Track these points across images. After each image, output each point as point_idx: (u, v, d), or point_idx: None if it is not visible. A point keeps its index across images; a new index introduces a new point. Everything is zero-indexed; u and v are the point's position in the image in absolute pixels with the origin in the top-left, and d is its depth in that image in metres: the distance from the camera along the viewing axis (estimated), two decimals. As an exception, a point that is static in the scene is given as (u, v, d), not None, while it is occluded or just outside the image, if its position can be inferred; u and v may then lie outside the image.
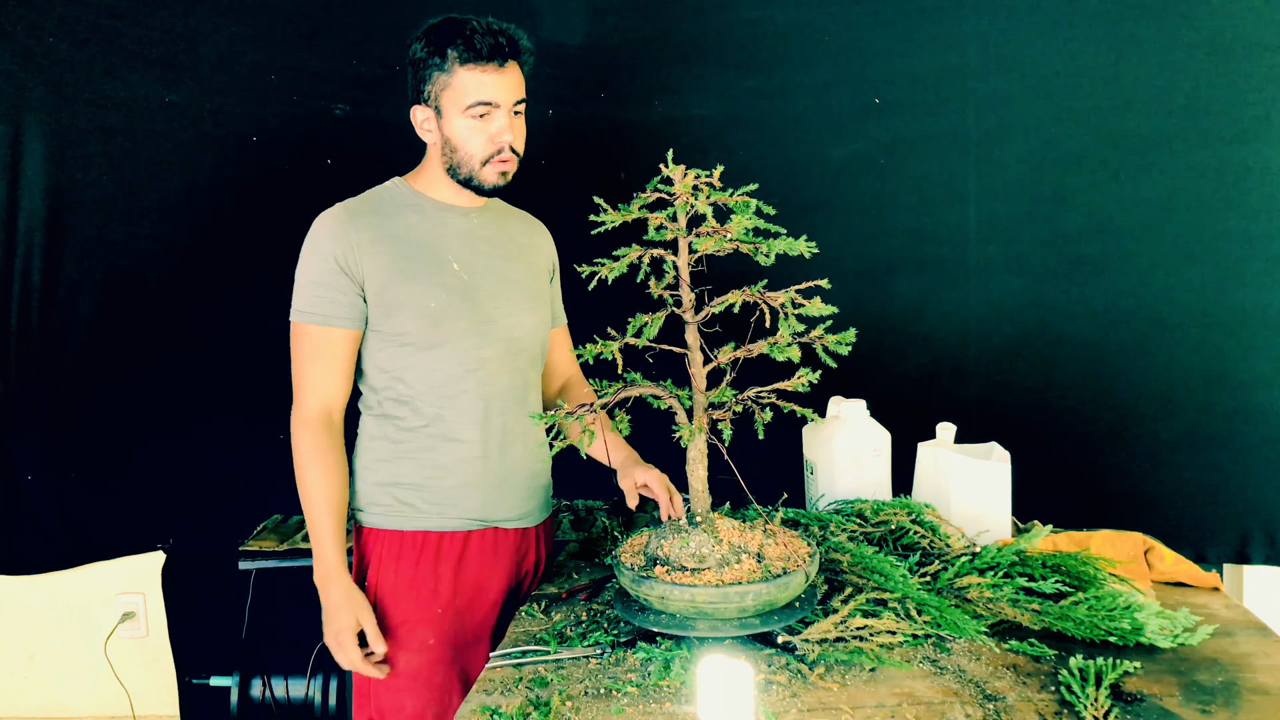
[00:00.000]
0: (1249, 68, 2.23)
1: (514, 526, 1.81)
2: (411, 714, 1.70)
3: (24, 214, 2.32)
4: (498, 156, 1.70)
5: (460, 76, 1.65)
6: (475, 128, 1.68)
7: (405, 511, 1.74)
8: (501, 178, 1.73)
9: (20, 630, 2.72)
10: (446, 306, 1.70)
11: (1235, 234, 2.27)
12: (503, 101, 1.67)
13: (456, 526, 1.75)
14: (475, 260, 1.76)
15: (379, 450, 1.75)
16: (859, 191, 2.38)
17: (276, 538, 2.33)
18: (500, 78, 1.66)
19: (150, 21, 2.33)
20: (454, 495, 1.74)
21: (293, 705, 2.39)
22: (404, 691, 1.70)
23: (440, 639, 1.72)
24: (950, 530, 1.75)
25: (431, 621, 1.72)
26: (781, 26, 2.38)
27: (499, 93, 1.67)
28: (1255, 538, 2.34)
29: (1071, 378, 2.37)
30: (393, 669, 1.70)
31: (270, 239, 2.42)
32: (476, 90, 1.65)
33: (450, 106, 1.67)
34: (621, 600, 1.50)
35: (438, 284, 1.70)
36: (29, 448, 2.41)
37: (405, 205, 1.75)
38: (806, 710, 1.25)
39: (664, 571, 1.43)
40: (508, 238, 1.84)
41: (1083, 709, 1.21)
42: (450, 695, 1.72)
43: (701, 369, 1.47)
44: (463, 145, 1.69)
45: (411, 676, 1.70)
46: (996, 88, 2.33)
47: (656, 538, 1.51)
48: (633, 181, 1.52)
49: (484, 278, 1.76)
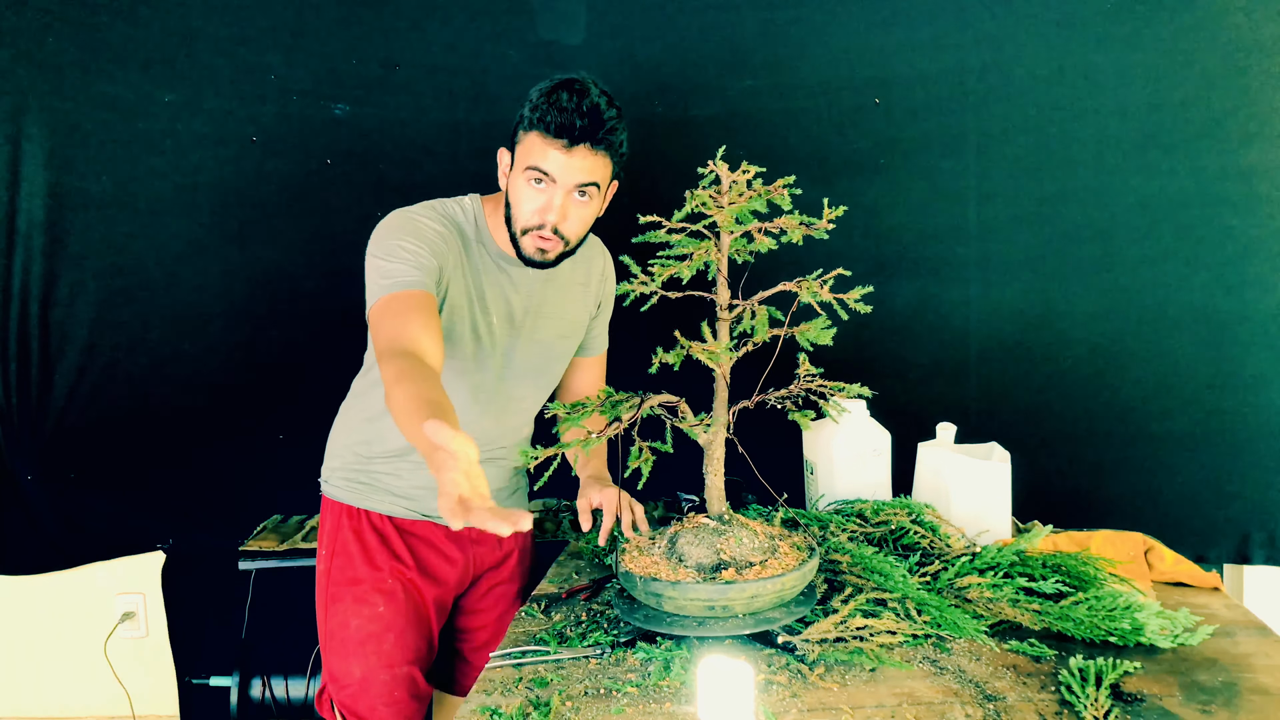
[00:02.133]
0: (1250, 68, 2.23)
1: None
2: (360, 678, 1.75)
3: (24, 214, 2.32)
4: (537, 230, 1.64)
5: (530, 137, 1.60)
6: (529, 193, 1.63)
7: (365, 492, 1.81)
8: (540, 253, 1.67)
9: (20, 630, 2.72)
10: (470, 359, 1.73)
11: (1235, 234, 2.27)
12: (560, 180, 1.60)
13: (408, 516, 1.82)
14: (515, 318, 1.78)
15: (362, 433, 1.82)
16: (859, 191, 2.39)
17: (276, 538, 2.33)
18: (566, 157, 1.59)
19: (150, 21, 2.33)
20: (409, 493, 1.81)
21: (293, 705, 2.39)
22: (353, 656, 1.75)
23: (390, 607, 1.77)
24: (950, 530, 1.75)
25: (381, 589, 1.78)
26: (781, 27, 2.38)
27: (558, 169, 1.60)
28: (1255, 538, 2.34)
29: (1071, 378, 2.37)
30: (344, 635, 1.76)
31: (270, 239, 2.44)
32: (537, 157, 1.60)
33: (519, 160, 1.64)
34: (626, 601, 1.50)
35: (469, 337, 1.72)
36: (29, 448, 2.41)
37: (476, 239, 1.73)
38: (806, 710, 1.25)
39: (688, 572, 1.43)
40: (557, 290, 1.82)
41: (1083, 709, 1.21)
42: (400, 664, 1.76)
43: (728, 365, 1.47)
44: (515, 204, 1.66)
45: (360, 642, 1.75)
46: (996, 88, 2.33)
47: (672, 537, 1.50)
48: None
49: (517, 339, 1.78)
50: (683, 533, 1.50)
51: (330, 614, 1.78)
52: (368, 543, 1.79)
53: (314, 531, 2.37)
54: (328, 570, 1.80)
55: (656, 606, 1.43)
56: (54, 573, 2.54)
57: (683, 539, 1.49)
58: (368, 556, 1.79)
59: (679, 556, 1.46)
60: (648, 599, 1.43)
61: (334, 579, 1.79)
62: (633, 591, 1.46)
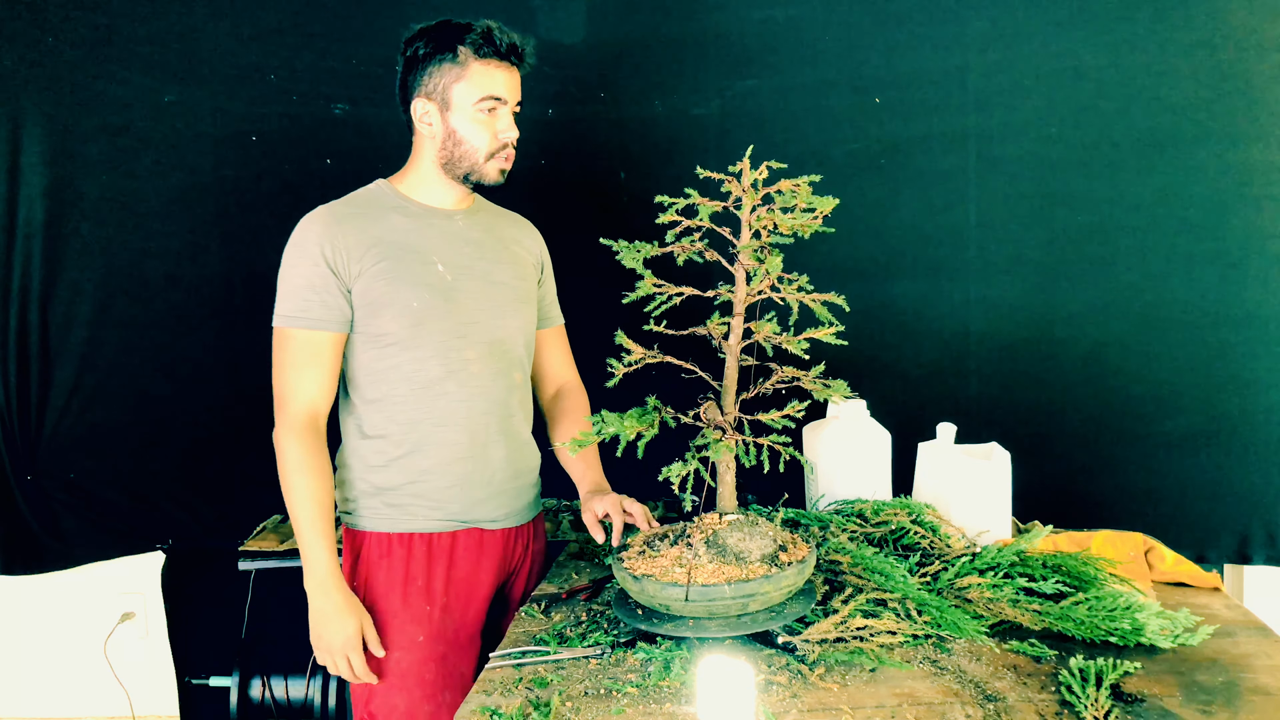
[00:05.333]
0: (1249, 68, 2.23)
1: (499, 527, 1.81)
2: (404, 712, 1.70)
3: (23, 214, 2.32)
4: (502, 153, 1.73)
5: (475, 69, 1.68)
6: (484, 122, 1.71)
7: (392, 514, 1.74)
8: (501, 175, 1.75)
9: (20, 630, 2.72)
10: (429, 307, 1.70)
11: (1235, 234, 2.27)
12: (509, 99, 1.72)
13: (442, 528, 1.75)
14: (459, 262, 1.76)
15: (364, 453, 1.75)
16: (859, 191, 2.39)
17: (276, 538, 2.33)
18: (510, 76, 1.72)
19: (150, 21, 2.33)
20: (438, 497, 1.75)
21: (293, 705, 2.39)
22: (395, 690, 1.70)
23: (430, 636, 1.72)
24: (950, 530, 1.75)
25: (420, 619, 1.72)
26: (781, 26, 2.38)
27: (508, 90, 1.71)
28: (1255, 538, 2.33)
29: (1072, 377, 2.37)
30: (384, 668, 1.70)
31: (270, 239, 2.43)
32: (490, 84, 1.69)
33: (460, 99, 1.69)
34: (622, 601, 1.50)
35: (421, 285, 1.71)
36: (29, 448, 2.41)
37: (390, 207, 1.76)
38: (806, 710, 1.25)
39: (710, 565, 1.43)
40: (494, 239, 1.84)
41: (1083, 709, 1.21)
42: (442, 692, 1.72)
43: (737, 361, 1.47)
44: (469, 138, 1.71)
45: (403, 675, 1.70)
46: (996, 88, 2.33)
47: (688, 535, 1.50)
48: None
49: (468, 279, 1.76)
50: (723, 530, 1.49)
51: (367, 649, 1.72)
52: (401, 571, 1.73)
53: (314, 531, 2.37)
54: (363, 601, 1.73)
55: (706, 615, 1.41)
56: (54, 573, 2.54)
57: (729, 535, 1.47)
58: (404, 586, 1.72)
59: (733, 553, 1.45)
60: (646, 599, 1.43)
61: (371, 612, 1.72)
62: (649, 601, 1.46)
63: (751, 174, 1.48)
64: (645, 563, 1.48)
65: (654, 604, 1.42)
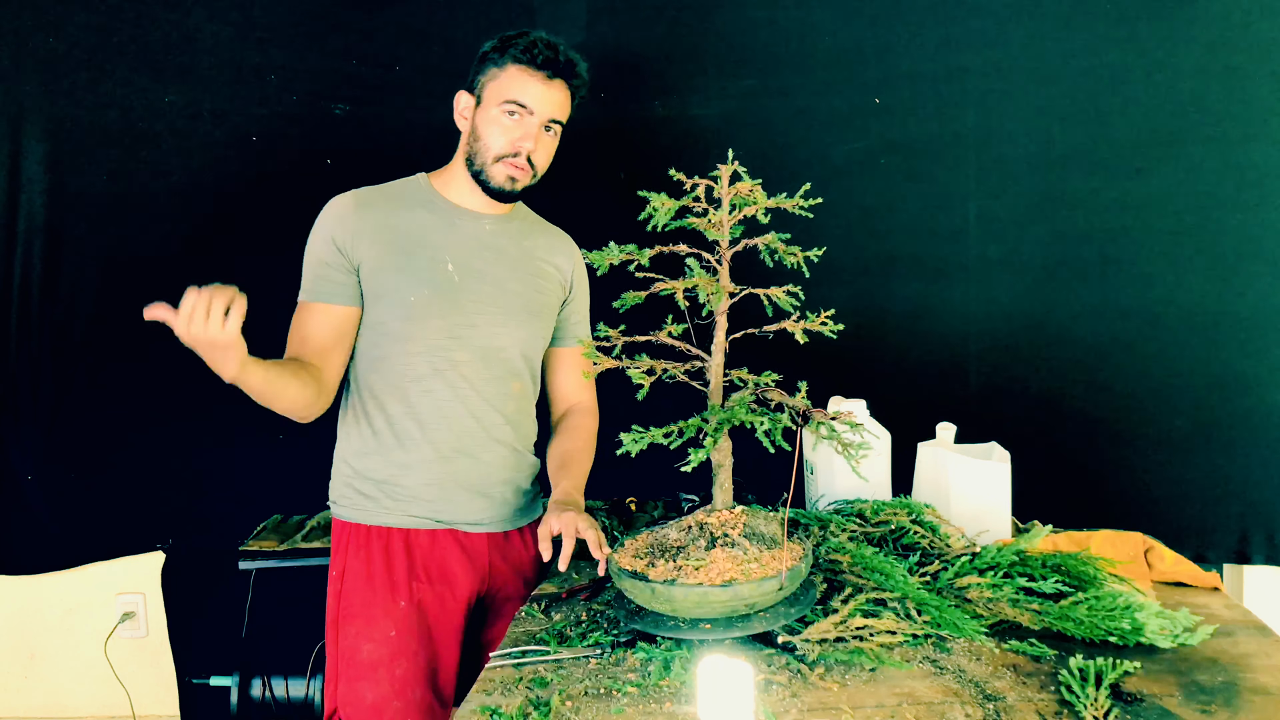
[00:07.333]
0: (1250, 67, 2.23)
1: (480, 531, 1.81)
2: (371, 705, 1.69)
3: (24, 214, 2.32)
4: (511, 158, 1.73)
5: (509, 72, 1.71)
6: (503, 124, 1.72)
7: (369, 506, 1.77)
8: (509, 182, 1.75)
9: (20, 630, 2.72)
10: (427, 302, 1.71)
11: (1235, 234, 2.27)
12: (537, 111, 1.72)
13: (417, 525, 1.76)
14: (473, 265, 1.77)
15: (352, 441, 1.79)
16: (859, 191, 2.39)
17: (276, 538, 2.33)
18: (546, 90, 1.71)
19: (149, 21, 2.33)
20: (416, 495, 1.76)
21: (293, 705, 2.39)
22: (365, 681, 1.70)
23: (402, 631, 1.72)
24: (950, 530, 1.75)
25: (393, 614, 1.72)
26: (781, 26, 2.38)
27: (536, 101, 1.71)
28: (1255, 538, 2.34)
29: (1072, 377, 2.37)
30: (355, 660, 1.71)
31: (270, 239, 2.43)
32: (517, 90, 1.70)
33: (490, 97, 1.72)
34: (619, 600, 1.50)
35: (423, 281, 1.72)
36: (29, 447, 2.41)
37: (418, 201, 1.78)
38: (806, 710, 1.25)
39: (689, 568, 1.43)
40: (520, 248, 1.83)
41: (1083, 709, 1.21)
42: (413, 689, 1.71)
43: (721, 364, 1.47)
44: (485, 135, 1.73)
45: (373, 667, 1.70)
46: (996, 88, 2.33)
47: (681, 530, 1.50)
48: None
49: (477, 283, 1.76)
50: (713, 525, 1.48)
51: (341, 636, 1.73)
52: (377, 564, 1.74)
53: (314, 531, 2.37)
54: (338, 593, 1.75)
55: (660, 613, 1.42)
56: (54, 573, 2.54)
57: (756, 520, 1.47)
58: (378, 578, 1.73)
59: (733, 550, 1.44)
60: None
61: (345, 601, 1.74)
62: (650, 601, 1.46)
63: (738, 186, 1.46)
64: (643, 562, 1.48)
65: (653, 605, 1.42)
